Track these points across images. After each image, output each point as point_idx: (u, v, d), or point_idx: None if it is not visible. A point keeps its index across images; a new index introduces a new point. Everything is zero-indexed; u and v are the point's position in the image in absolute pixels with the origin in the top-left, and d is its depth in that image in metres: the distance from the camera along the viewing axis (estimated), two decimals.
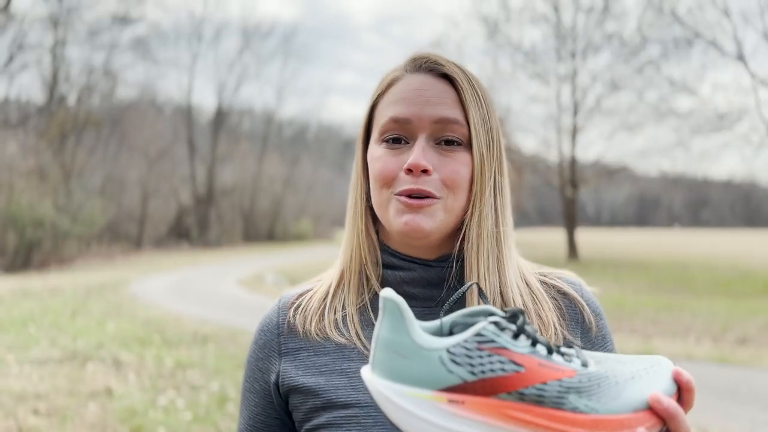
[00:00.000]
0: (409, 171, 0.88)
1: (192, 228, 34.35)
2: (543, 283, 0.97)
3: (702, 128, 20.71)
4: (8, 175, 21.31)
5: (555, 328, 0.91)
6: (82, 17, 28.05)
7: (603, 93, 23.26)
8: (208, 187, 36.14)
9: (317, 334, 0.94)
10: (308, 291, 1.01)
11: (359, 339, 0.93)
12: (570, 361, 0.68)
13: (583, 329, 0.95)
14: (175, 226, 33.71)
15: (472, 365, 0.65)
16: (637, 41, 21.83)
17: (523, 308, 0.72)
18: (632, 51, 22.17)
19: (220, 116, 38.18)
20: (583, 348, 0.93)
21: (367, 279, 0.96)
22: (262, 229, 39.32)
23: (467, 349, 0.65)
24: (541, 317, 0.91)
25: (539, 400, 0.65)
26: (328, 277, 1.01)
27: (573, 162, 23.69)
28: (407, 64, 0.95)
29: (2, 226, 20.45)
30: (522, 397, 0.65)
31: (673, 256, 26.42)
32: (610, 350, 0.97)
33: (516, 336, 0.66)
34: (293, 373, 0.93)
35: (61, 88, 28.04)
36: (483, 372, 0.65)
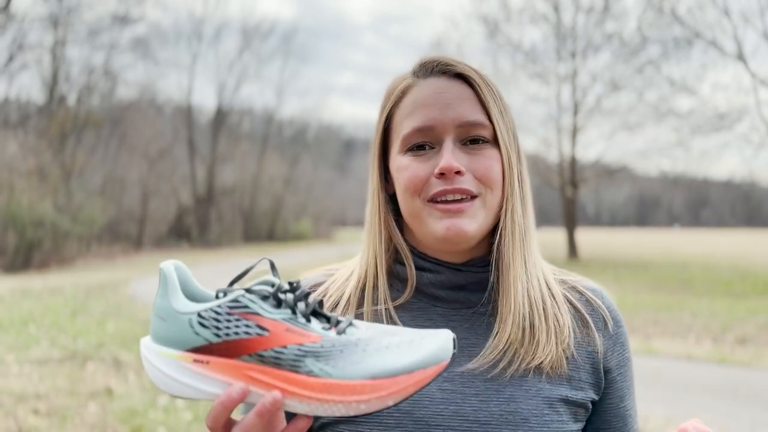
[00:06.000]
0: (441, 175, 0.87)
1: (192, 228, 34.34)
2: (563, 287, 0.97)
3: (702, 128, 20.70)
4: (8, 175, 21.30)
5: (570, 332, 0.91)
6: (82, 17, 28.05)
7: (603, 93, 23.24)
8: (208, 187, 36.12)
9: None
10: (322, 284, 0.99)
11: None
12: (328, 329, 0.70)
13: (605, 336, 0.95)
14: (175, 226, 33.71)
15: (218, 328, 0.68)
16: (637, 41, 21.82)
17: (308, 290, 0.72)
18: (632, 51, 22.15)
19: (220, 116, 38.17)
20: (603, 354, 0.94)
21: (399, 281, 0.94)
22: (262, 229, 39.30)
23: (217, 313, 0.69)
24: (557, 319, 0.91)
25: (277, 363, 0.68)
26: (341, 281, 0.98)
27: (573, 162, 23.67)
28: (417, 70, 0.94)
29: (2, 226, 20.44)
30: (262, 359, 0.68)
31: (673, 256, 26.41)
32: (628, 357, 0.98)
33: (278, 305, 0.69)
34: None
35: (61, 88, 28.05)
36: (227, 335, 0.68)
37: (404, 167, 0.90)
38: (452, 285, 0.93)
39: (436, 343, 0.69)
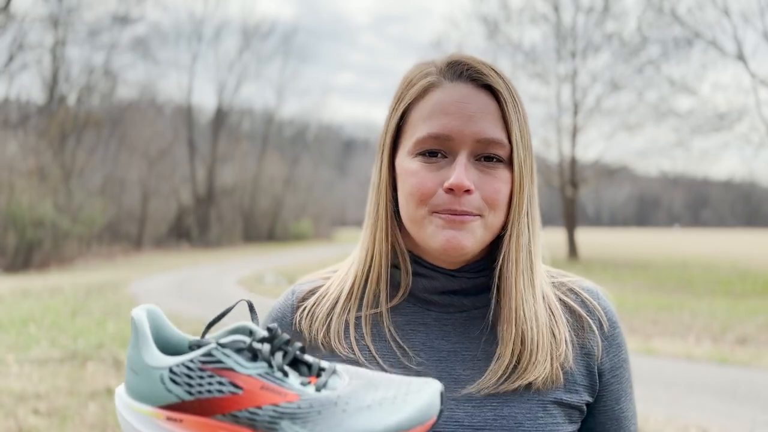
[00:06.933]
0: (450, 190, 0.85)
1: (192, 228, 34.36)
2: (560, 289, 0.96)
3: (702, 128, 20.71)
4: (8, 175, 21.30)
5: (566, 345, 0.90)
6: (82, 17, 28.07)
7: (603, 93, 23.25)
8: (208, 187, 36.14)
9: (323, 346, 0.91)
10: (320, 288, 0.98)
11: (370, 353, 0.90)
12: (307, 383, 0.66)
13: (601, 338, 0.94)
14: (175, 226, 33.71)
15: (190, 385, 0.65)
16: (637, 41, 21.83)
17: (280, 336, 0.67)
18: (632, 51, 22.15)
19: (220, 116, 38.18)
20: (600, 357, 0.94)
21: (391, 284, 0.93)
22: (262, 229, 39.31)
23: (189, 369, 0.65)
24: (554, 334, 0.90)
25: (251, 424, 0.64)
26: (340, 279, 0.97)
27: (573, 162, 23.67)
28: (445, 69, 0.89)
29: (2, 226, 20.44)
30: (236, 420, 0.64)
31: (673, 256, 26.41)
32: (625, 358, 0.97)
33: (254, 358, 0.65)
34: None
35: (61, 88, 28.05)
36: (200, 392, 0.65)
37: (412, 173, 0.88)
38: (447, 290, 0.92)
39: (421, 399, 0.64)
